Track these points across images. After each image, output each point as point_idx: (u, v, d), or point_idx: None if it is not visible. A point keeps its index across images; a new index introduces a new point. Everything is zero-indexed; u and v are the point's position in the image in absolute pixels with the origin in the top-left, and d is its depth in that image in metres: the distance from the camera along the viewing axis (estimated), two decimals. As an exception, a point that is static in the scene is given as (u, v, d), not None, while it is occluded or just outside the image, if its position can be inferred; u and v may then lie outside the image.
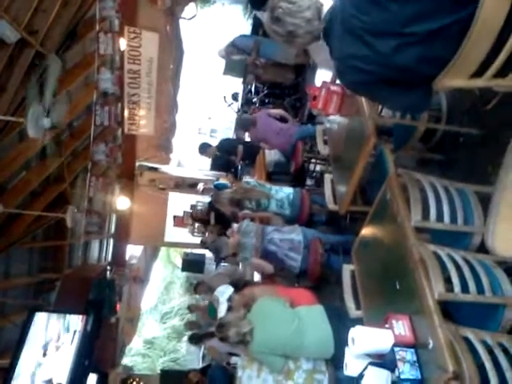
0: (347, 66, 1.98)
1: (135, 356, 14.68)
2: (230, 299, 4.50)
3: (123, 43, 7.64)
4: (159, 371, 11.55)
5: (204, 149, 7.86)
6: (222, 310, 4.45)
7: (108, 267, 9.45)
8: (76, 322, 5.14)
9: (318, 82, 5.22)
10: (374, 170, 3.99)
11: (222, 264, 8.21)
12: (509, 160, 1.91)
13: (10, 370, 4.74)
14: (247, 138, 7.66)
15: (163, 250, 14.69)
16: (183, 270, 11.04)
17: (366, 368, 2.52)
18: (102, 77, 6.80)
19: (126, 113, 9.61)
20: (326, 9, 2.07)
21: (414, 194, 2.76)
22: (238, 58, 8.37)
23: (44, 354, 4.91)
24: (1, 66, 6.21)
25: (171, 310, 15.47)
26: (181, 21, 9.26)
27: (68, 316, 5.16)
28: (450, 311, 2.66)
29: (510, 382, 1.98)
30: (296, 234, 4.66)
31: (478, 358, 2.20)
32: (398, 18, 1.78)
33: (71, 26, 7.41)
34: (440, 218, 2.71)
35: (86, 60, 7.92)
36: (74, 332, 5.07)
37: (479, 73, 1.90)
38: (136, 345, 14.87)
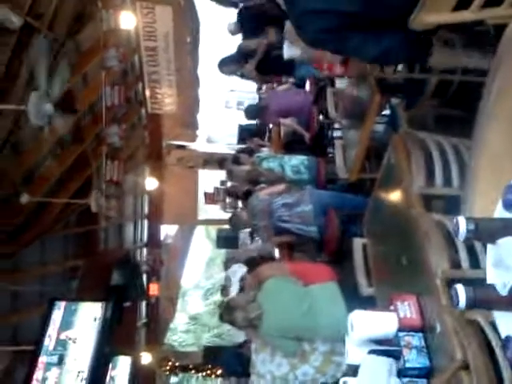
0: (307, 17, 1.68)
1: (181, 333, 14.85)
2: (242, 279, 4.27)
3: (133, 19, 7.38)
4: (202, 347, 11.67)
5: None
6: (233, 290, 4.24)
7: (131, 250, 9.38)
8: (96, 309, 5.06)
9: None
10: (389, 133, 3.66)
11: (257, 238, 8.02)
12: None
13: (32, 361, 4.72)
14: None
15: (201, 227, 14.63)
16: (218, 246, 10.94)
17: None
18: (108, 55, 6.57)
19: (147, 92, 9.44)
20: None
21: (415, 156, 2.42)
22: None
23: (66, 343, 4.86)
24: (8, 53, 6.10)
25: (213, 285, 15.53)
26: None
27: (88, 303, 5.08)
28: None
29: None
30: (304, 204, 4.36)
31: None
32: None
33: (79, 8, 7.21)
34: (448, 182, 2.36)
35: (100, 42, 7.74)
36: (95, 319, 5.00)
37: (465, 3, 1.54)
38: (181, 322, 15.03)
